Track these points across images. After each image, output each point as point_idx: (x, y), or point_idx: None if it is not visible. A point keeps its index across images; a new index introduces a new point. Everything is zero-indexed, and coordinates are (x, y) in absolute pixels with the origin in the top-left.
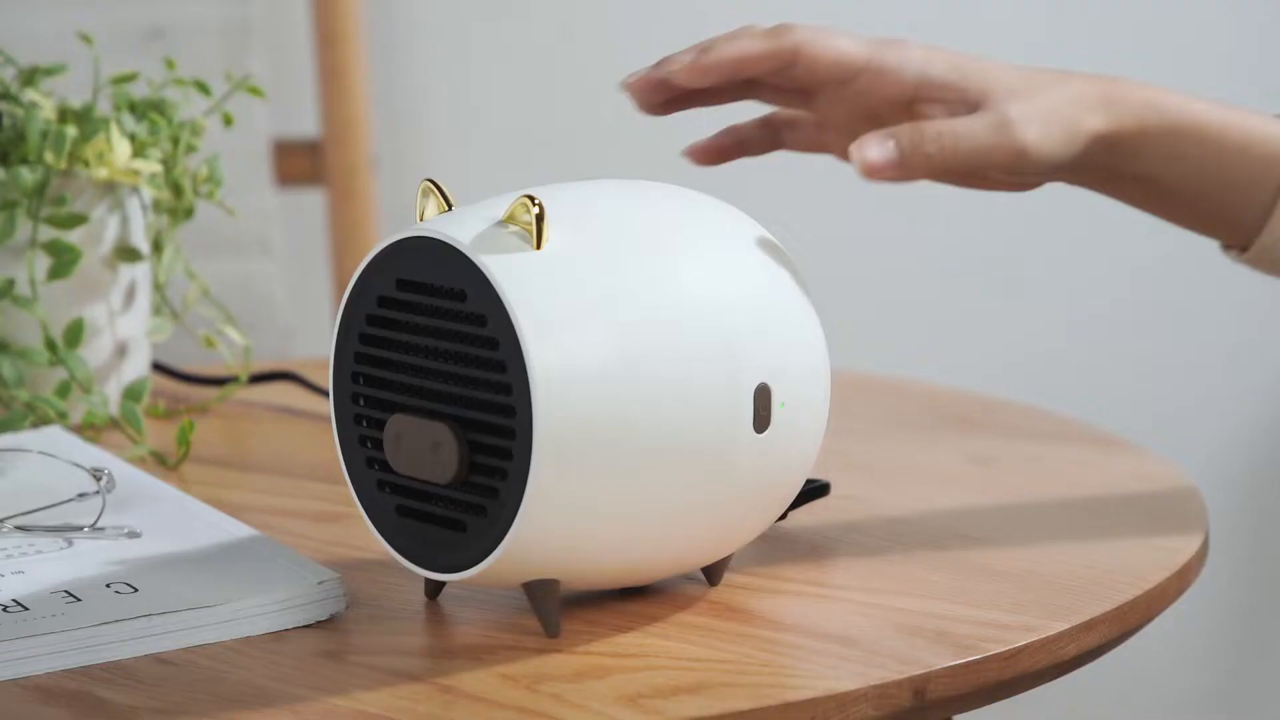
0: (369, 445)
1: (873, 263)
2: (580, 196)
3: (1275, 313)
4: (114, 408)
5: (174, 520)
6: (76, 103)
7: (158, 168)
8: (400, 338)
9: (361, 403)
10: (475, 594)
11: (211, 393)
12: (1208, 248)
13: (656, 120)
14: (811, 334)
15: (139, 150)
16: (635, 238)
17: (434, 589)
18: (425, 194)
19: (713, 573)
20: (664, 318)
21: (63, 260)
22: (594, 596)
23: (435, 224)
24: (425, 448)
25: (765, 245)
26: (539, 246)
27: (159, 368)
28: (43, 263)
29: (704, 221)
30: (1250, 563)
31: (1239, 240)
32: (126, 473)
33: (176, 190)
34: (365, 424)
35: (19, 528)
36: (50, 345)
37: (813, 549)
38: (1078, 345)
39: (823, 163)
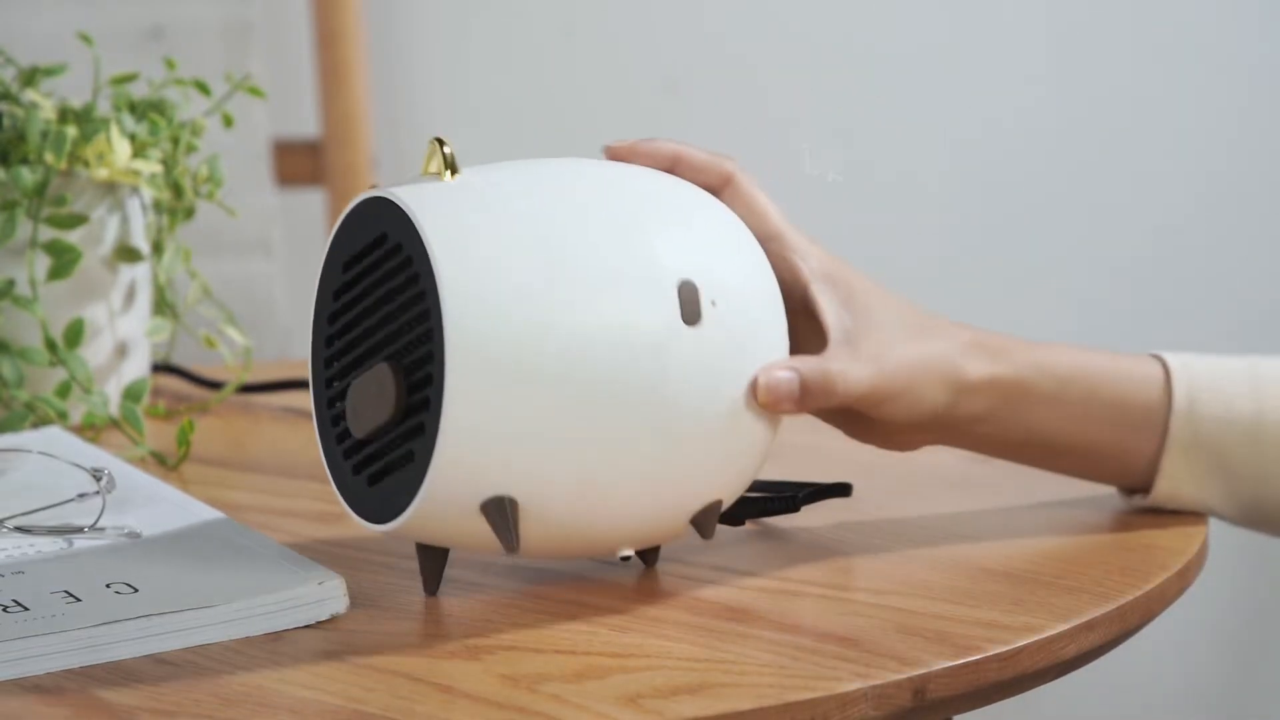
0: (339, 428)
1: (872, 262)
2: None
3: (1275, 313)
4: (114, 408)
5: (174, 520)
6: (76, 103)
7: (158, 168)
8: (357, 311)
9: (334, 388)
10: (475, 594)
11: (211, 392)
12: (1206, 248)
13: (655, 120)
14: (738, 238)
15: (139, 150)
16: (551, 167)
17: (434, 584)
18: (432, 154)
19: (703, 524)
20: (573, 209)
21: (63, 260)
22: (594, 596)
23: (373, 191)
24: (373, 396)
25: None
26: (450, 175)
27: (169, 369)
28: (43, 263)
29: (632, 168)
30: (1250, 563)
31: (1134, 485)
32: (126, 473)
33: (177, 190)
34: (337, 411)
35: (19, 528)
36: (50, 345)
37: (813, 549)
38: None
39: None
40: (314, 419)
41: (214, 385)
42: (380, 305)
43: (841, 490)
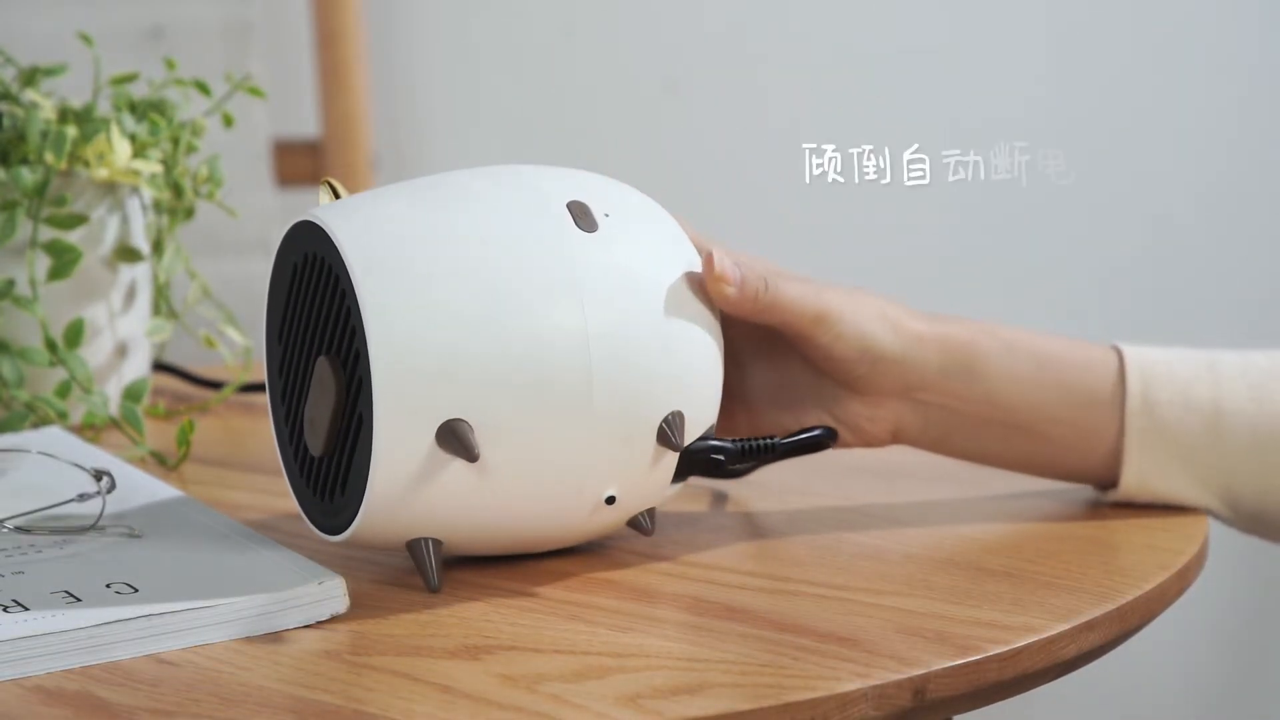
0: (300, 449)
1: (874, 263)
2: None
3: (1274, 313)
4: (114, 408)
5: (174, 520)
6: (76, 103)
7: (158, 168)
8: (302, 328)
9: (290, 407)
10: (475, 594)
11: (211, 392)
12: (1204, 249)
13: (655, 120)
14: (611, 181)
15: (139, 150)
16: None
17: (433, 577)
18: (323, 192)
19: (668, 437)
20: (461, 185)
21: (63, 260)
22: (594, 596)
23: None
24: (320, 399)
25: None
26: (336, 198)
27: (168, 369)
28: (43, 263)
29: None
30: (1250, 563)
31: (1103, 477)
32: (126, 473)
33: (177, 190)
34: (294, 429)
35: (19, 528)
36: (50, 345)
37: (813, 549)
38: None
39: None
40: (276, 449)
41: (214, 385)
42: (316, 313)
43: (826, 437)
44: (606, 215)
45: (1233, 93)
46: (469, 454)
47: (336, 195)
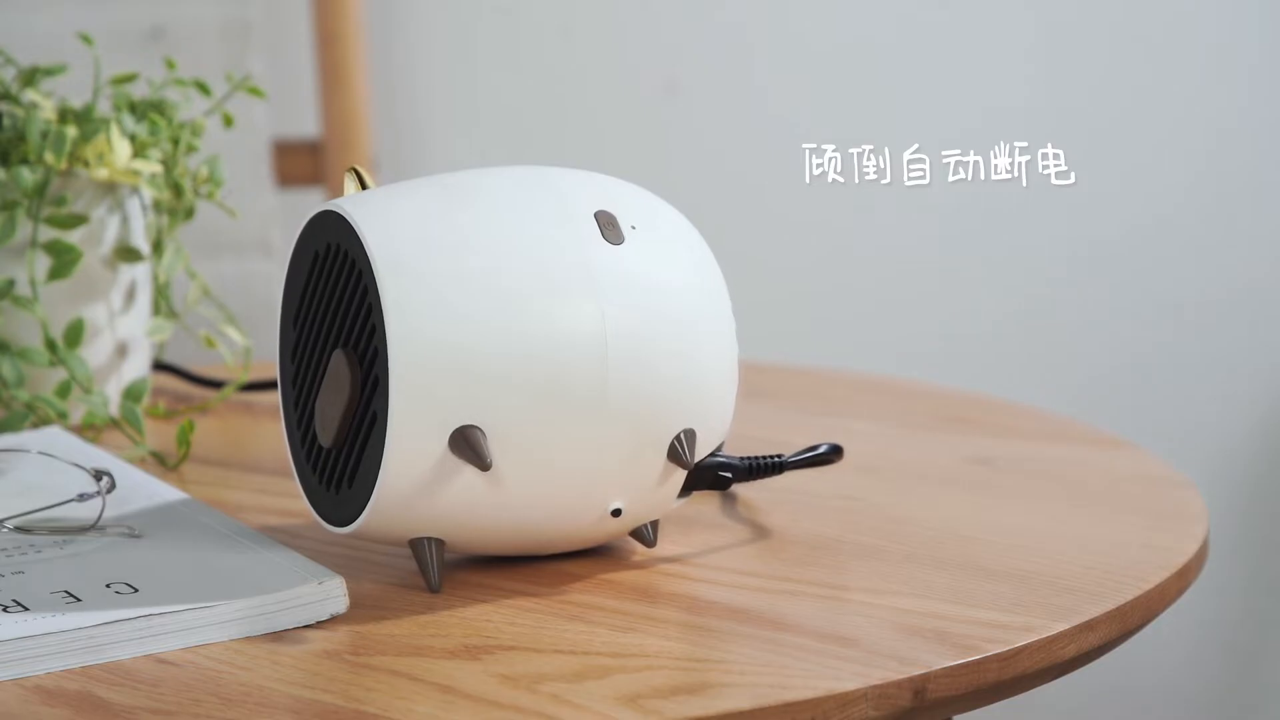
0: (307, 443)
1: (874, 263)
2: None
3: (1274, 311)
4: (114, 408)
5: (174, 520)
6: (76, 103)
7: (158, 168)
8: (319, 317)
9: (301, 394)
10: (475, 594)
11: (211, 392)
12: (1205, 247)
13: (655, 120)
14: (640, 191)
15: (139, 150)
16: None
17: (434, 576)
18: (349, 180)
19: (679, 455)
20: (486, 187)
21: (63, 260)
22: (594, 596)
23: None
24: (333, 393)
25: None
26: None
27: (168, 368)
28: (43, 263)
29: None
30: (1250, 563)
31: None
32: (127, 473)
33: (177, 190)
34: (304, 417)
35: (19, 528)
36: (50, 345)
37: (813, 549)
38: (1078, 346)
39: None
40: (284, 433)
41: (214, 385)
42: (334, 304)
43: (832, 453)
44: (633, 228)
45: (1233, 92)
46: (481, 462)
47: (362, 184)
